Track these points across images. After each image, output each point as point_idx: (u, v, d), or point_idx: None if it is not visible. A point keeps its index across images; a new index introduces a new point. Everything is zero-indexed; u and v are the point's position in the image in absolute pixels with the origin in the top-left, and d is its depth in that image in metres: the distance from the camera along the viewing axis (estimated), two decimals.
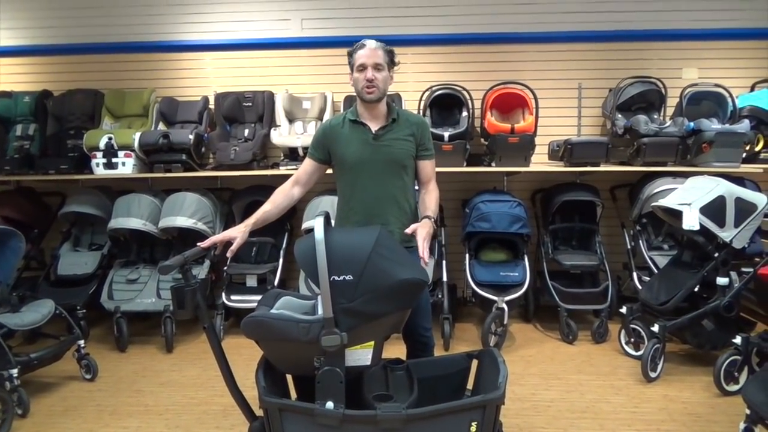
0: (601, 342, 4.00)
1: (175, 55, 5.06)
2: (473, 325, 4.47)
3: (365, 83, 2.32)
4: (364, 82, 2.32)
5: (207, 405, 3.11)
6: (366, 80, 2.31)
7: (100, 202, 4.47)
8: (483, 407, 1.86)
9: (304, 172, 2.48)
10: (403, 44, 4.70)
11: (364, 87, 2.33)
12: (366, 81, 2.31)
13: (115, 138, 4.31)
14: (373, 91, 2.32)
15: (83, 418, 3.00)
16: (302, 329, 1.83)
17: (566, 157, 4.31)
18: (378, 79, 2.32)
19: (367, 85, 2.32)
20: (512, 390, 3.18)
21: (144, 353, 3.97)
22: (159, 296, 4.07)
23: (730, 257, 3.39)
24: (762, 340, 2.99)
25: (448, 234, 4.51)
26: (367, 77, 2.30)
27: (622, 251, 4.48)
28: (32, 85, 5.04)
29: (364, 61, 2.32)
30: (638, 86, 4.54)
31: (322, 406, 1.82)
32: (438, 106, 4.57)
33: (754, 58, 4.77)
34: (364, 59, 2.32)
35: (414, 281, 1.88)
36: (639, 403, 3.06)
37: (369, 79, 2.30)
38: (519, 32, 4.81)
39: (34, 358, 3.12)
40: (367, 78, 2.30)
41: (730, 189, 3.38)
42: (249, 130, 4.74)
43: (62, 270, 4.31)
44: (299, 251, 1.92)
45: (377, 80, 2.31)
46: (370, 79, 2.30)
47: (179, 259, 1.98)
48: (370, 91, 2.32)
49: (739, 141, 4.08)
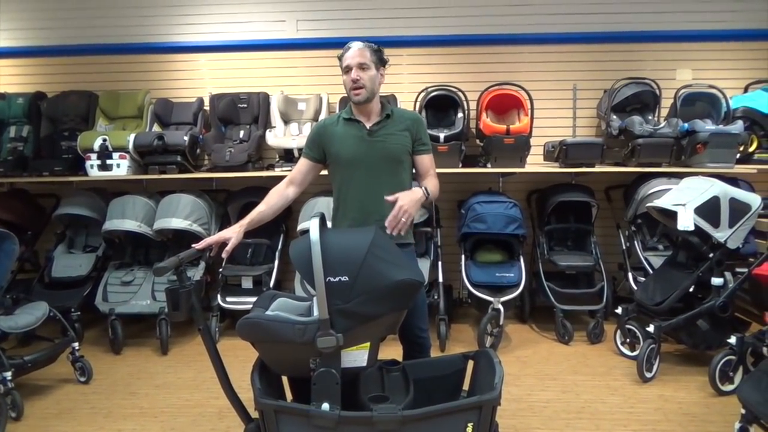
0: (597, 342, 4.00)
1: (170, 56, 5.05)
2: (469, 326, 4.47)
3: (351, 84, 2.33)
4: (351, 84, 2.33)
5: (202, 407, 3.10)
6: (351, 81, 2.32)
7: (95, 204, 4.45)
8: (479, 408, 1.86)
9: (299, 172, 2.47)
10: (399, 45, 4.73)
11: (351, 89, 2.34)
12: (351, 82, 2.32)
13: (109, 139, 4.30)
14: (360, 92, 2.32)
15: (77, 420, 2.98)
16: (298, 331, 1.82)
17: (561, 158, 4.33)
18: (364, 79, 2.31)
19: (353, 86, 2.32)
20: (508, 390, 3.16)
21: (139, 355, 3.96)
22: (154, 298, 4.06)
23: (724, 257, 3.41)
24: (757, 340, 2.99)
25: (444, 235, 4.52)
26: (352, 77, 2.31)
27: (617, 252, 4.49)
28: (26, 86, 5.03)
29: (348, 63, 2.33)
30: (633, 87, 4.56)
31: (318, 408, 1.81)
32: (433, 107, 4.57)
33: (748, 59, 4.79)
34: (349, 60, 2.33)
35: (410, 282, 1.88)
36: (635, 404, 3.06)
37: (354, 80, 2.31)
38: (514, 33, 4.83)
39: (28, 361, 3.10)
40: (352, 79, 2.31)
41: (725, 189, 3.39)
42: (244, 131, 4.74)
43: (56, 272, 4.29)
44: (294, 252, 1.92)
45: (363, 80, 2.31)
46: (354, 79, 2.31)
47: (174, 260, 1.97)
48: (357, 92, 2.33)
49: (733, 142, 4.10)
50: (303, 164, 2.48)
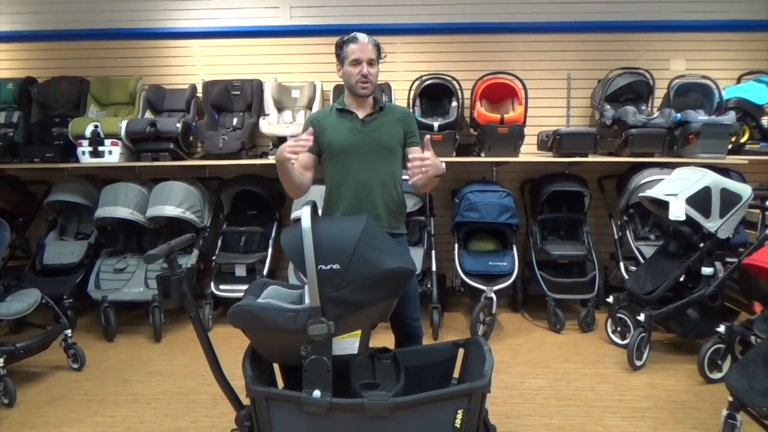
0: (588, 331, 4.03)
1: (163, 42, 4.99)
2: (462, 315, 4.50)
3: (360, 78, 2.33)
4: (359, 77, 2.33)
5: (196, 394, 3.11)
6: (361, 76, 2.32)
7: (87, 191, 4.43)
8: (469, 395, 1.87)
9: (303, 166, 2.39)
10: (393, 33, 4.70)
11: (358, 82, 2.34)
12: (361, 77, 2.32)
13: (101, 126, 4.27)
14: (367, 86, 2.35)
15: (71, 407, 2.99)
16: (289, 318, 1.82)
17: (555, 148, 4.33)
18: (372, 74, 2.34)
19: (362, 81, 2.33)
20: (500, 378, 3.20)
21: (132, 343, 3.96)
22: (147, 286, 4.05)
23: (715, 247, 3.43)
24: (745, 329, 3.02)
25: (437, 224, 4.52)
26: (363, 73, 2.32)
27: (609, 241, 4.52)
28: (16, 71, 4.97)
29: (358, 56, 2.31)
30: (626, 77, 4.55)
31: (309, 395, 1.82)
32: (427, 95, 4.56)
33: (741, 50, 4.79)
34: (359, 54, 2.32)
35: (401, 270, 1.89)
36: (624, 391, 3.09)
37: (364, 75, 2.32)
38: (509, 22, 4.80)
39: (20, 348, 3.10)
40: (363, 74, 2.32)
41: (716, 180, 3.41)
42: (237, 118, 4.71)
43: (48, 259, 4.28)
44: (286, 241, 1.92)
45: (371, 75, 2.34)
46: (365, 74, 2.32)
47: (165, 248, 1.97)
48: (364, 86, 2.34)
49: (725, 132, 4.11)
50: (304, 158, 2.40)
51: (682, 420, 2.77)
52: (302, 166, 2.40)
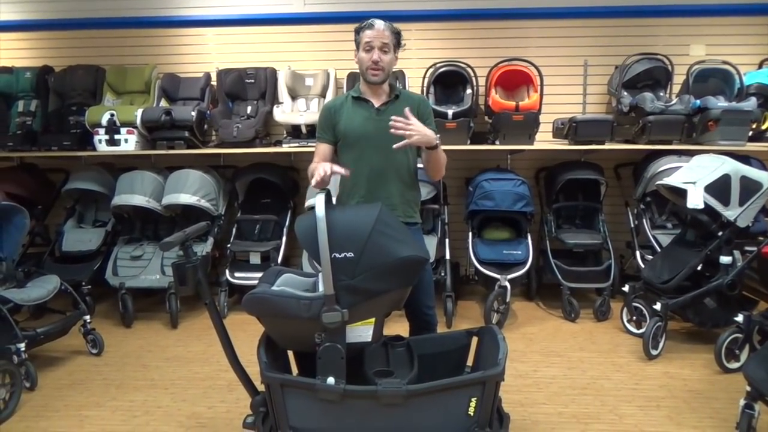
0: (603, 320, 4.01)
1: (177, 31, 5.00)
2: (476, 303, 4.49)
3: (371, 64, 2.31)
4: (370, 63, 2.31)
5: (212, 380, 3.15)
6: (372, 62, 2.31)
7: (104, 179, 4.47)
8: (483, 383, 1.88)
9: (324, 158, 2.37)
10: (407, 20, 4.65)
11: (369, 68, 2.32)
12: (372, 62, 2.31)
13: (117, 114, 4.30)
14: (377, 73, 2.32)
15: (90, 391, 3.04)
16: (303, 306, 1.84)
17: (571, 135, 4.28)
18: (384, 61, 2.32)
19: (373, 67, 2.32)
20: (514, 367, 3.20)
21: (149, 329, 4.02)
22: (163, 273, 4.09)
23: (733, 236, 3.38)
24: (764, 318, 2.99)
25: (451, 212, 4.51)
26: (373, 59, 2.30)
27: (625, 230, 4.47)
28: (33, 60, 5.02)
29: (371, 42, 2.30)
30: (644, 63, 4.47)
31: (323, 382, 1.83)
32: (442, 83, 4.52)
33: (763, 35, 4.68)
34: (372, 39, 2.30)
35: (414, 259, 1.89)
36: (640, 380, 3.08)
37: (375, 61, 2.30)
38: (524, 8, 4.73)
39: (40, 333, 3.16)
40: (373, 60, 2.30)
41: (736, 167, 3.35)
42: (251, 107, 4.71)
43: (67, 246, 4.34)
44: (300, 228, 1.93)
45: (383, 62, 2.31)
46: (375, 60, 2.30)
47: (180, 236, 1.99)
48: (375, 73, 2.33)
49: (746, 119, 4.04)
50: (324, 148, 2.42)
51: (698, 410, 2.75)
52: (323, 158, 2.39)
